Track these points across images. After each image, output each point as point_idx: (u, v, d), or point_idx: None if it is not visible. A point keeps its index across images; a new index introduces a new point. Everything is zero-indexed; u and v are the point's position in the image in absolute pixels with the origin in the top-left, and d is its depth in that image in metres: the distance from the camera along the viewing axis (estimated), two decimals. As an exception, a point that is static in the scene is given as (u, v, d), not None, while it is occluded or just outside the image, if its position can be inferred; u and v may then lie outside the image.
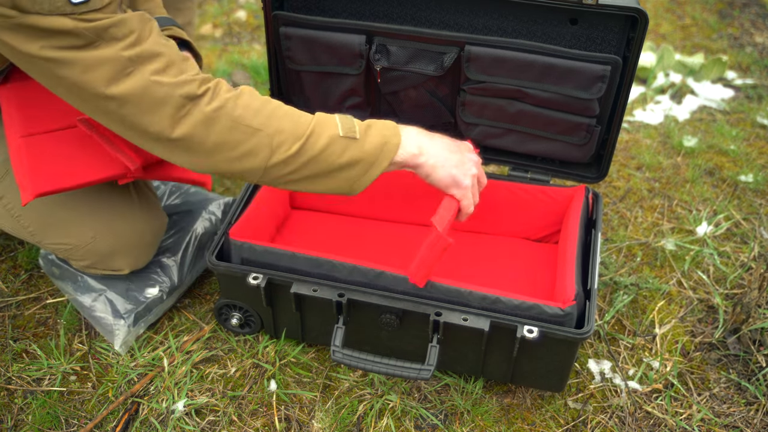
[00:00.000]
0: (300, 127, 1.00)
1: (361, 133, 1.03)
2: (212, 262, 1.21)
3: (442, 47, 1.28)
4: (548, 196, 1.41)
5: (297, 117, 1.01)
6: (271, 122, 0.98)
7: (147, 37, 0.92)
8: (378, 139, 1.03)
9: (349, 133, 1.02)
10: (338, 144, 1.01)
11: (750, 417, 1.24)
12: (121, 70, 0.89)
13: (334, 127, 1.02)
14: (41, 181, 1.12)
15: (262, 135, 0.97)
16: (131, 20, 0.91)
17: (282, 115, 1.00)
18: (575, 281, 1.16)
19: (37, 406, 1.23)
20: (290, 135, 0.99)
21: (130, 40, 0.90)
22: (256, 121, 0.97)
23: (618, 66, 1.21)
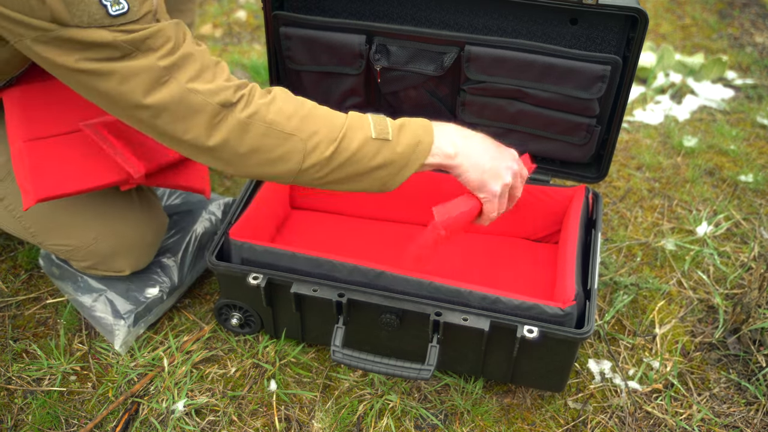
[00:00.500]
0: (334, 129, 0.99)
1: (394, 134, 1.02)
2: (212, 262, 1.21)
3: (442, 47, 1.28)
4: (548, 196, 1.41)
5: (331, 118, 1.00)
6: (304, 126, 0.98)
7: (182, 43, 0.92)
8: (411, 140, 1.02)
9: (382, 135, 1.01)
10: (371, 146, 1.00)
11: (750, 417, 1.24)
12: (157, 79, 0.90)
13: (367, 128, 1.01)
14: (43, 187, 1.12)
15: (296, 140, 0.98)
16: (167, 29, 0.91)
17: (316, 116, 1.00)
18: (575, 281, 1.16)
19: (37, 406, 1.23)
20: (324, 138, 0.99)
21: (166, 49, 0.90)
22: (290, 126, 0.97)
23: (618, 66, 1.21)
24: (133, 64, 0.88)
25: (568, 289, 1.15)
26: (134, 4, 0.87)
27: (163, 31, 0.90)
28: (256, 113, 0.95)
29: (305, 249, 1.21)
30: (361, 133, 1.00)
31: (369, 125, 1.01)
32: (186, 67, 0.92)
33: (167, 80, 0.90)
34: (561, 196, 1.40)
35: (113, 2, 0.85)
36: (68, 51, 0.86)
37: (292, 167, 0.99)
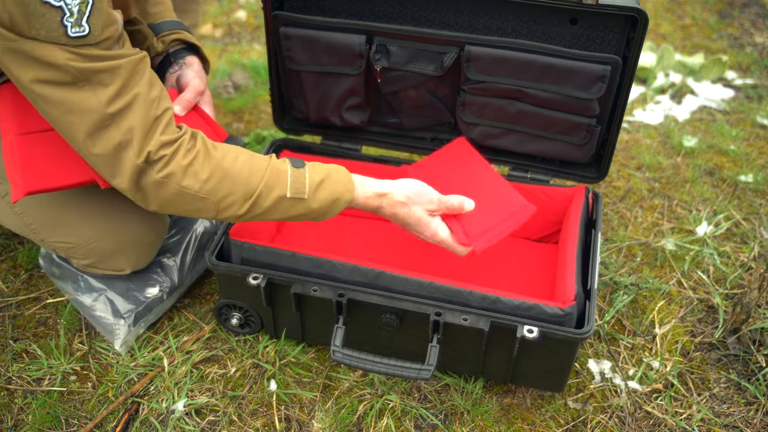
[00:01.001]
0: (249, 190, 1.05)
1: (311, 192, 1.07)
2: (212, 262, 1.21)
3: (442, 47, 1.28)
4: (548, 196, 1.41)
5: (247, 178, 1.05)
6: (218, 189, 1.03)
7: (133, 87, 0.95)
8: (328, 197, 1.08)
9: (298, 194, 1.07)
10: (285, 203, 1.07)
11: (750, 417, 1.24)
12: (100, 122, 0.94)
13: (283, 186, 1.06)
14: (32, 179, 1.12)
15: (209, 201, 1.04)
16: (123, 68, 0.93)
17: (232, 179, 1.04)
18: (575, 281, 1.16)
19: (37, 406, 1.23)
20: (238, 199, 1.05)
21: (115, 89, 0.93)
22: (204, 190, 1.03)
23: (618, 66, 1.21)
24: (81, 99, 0.92)
25: (568, 288, 1.15)
26: (95, 29, 0.88)
27: (116, 71, 0.92)
28: (172, 175, 1.00)
29: (305, 249, 1.21)
30: (276, 192, 1.06)
31: (286, 184, 1.06)
32: (128, 116, 0.96)
33: (109, 126, 0.95)
34: (561, 196, 1.40)
35: (74, 24, 0.86)
36: (25, 65, 0.89)
37: (208, 217, 1.07)
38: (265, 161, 1.07)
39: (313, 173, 1.08)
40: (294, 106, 1.48)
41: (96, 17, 0.88)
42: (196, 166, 1.02)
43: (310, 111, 1.46)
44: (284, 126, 1.52)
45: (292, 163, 1.08)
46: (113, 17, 0.92)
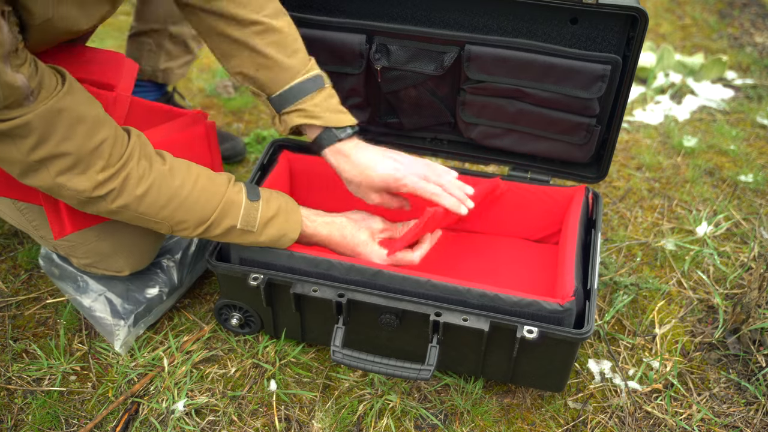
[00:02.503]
0: (203, 218, 1.09)
1: (260, 226, 1.12)
2: (211, 263, 1.21)
3: (442, 47, 1.28)
4: (548, 196, 1.41)
5: (203, 205, 1.08)
6: (174, 215, 1.07)
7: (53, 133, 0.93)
8: (274, 233, 1.14)
9: (248, 227, 1.12)
10: (235, 232, 1.12)
11: (750, 417, 1.24)
12: (28, 167, 0.96)
13: (235, 217, 1.11)
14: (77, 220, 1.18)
15: (164, 225, 1.08)
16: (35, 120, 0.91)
17: (188, 207, 1.07)
18: (574, 278, 1.16)
19: (37, 406, 1.23)
20: (191, 224, 1.09)
21: (33, 140, 0.92)
22: (159, 216, 1.07)
23: (618, 65, 1.21)
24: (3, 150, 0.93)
25: (567, 285, 1.15)
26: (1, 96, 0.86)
27: (28, 125, 0.91)
28: (127, 206, 1.03)
29: (303, 248, 1.21)
30: (227, 221, 1.11)
31: (238, 215, 1.11)
32: (56, 160, 0.95)
33: (38, 169, 0.96)
34: (561, 196, 1.40)
35: None
36: None
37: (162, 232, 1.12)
38: (222, 188, 1.10)
39: (265, 209, 1.13)
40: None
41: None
42: (153, 194, 1.04)
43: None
44: (284, 126, 1.52)
45: (247, 194, 1.12)
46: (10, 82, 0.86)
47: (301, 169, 1.50)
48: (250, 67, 1.16)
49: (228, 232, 1.12)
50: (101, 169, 0.99)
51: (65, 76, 0.96)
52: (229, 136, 1.81)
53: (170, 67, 1.68)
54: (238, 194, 1.11)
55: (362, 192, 1.22)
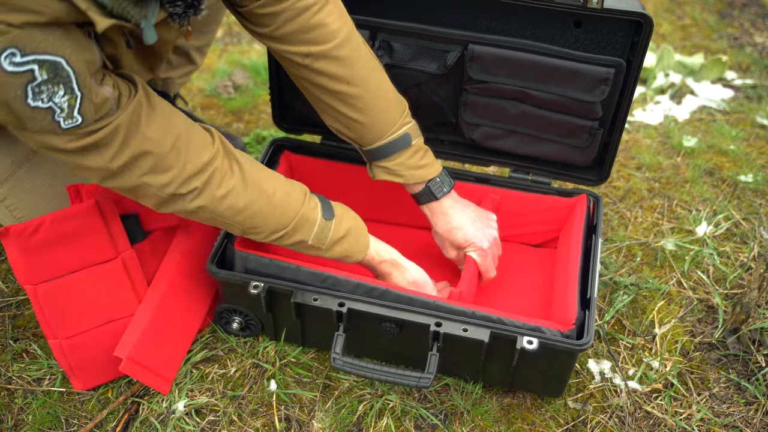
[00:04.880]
0: (278, 228, 1.11)
1: (329, 245, 1.15)
2: (212, 270, 1.21)
3: (446, 45, 1.28)
4: (549, 206, 1.40)
5: (279, 216, 1.10)
6: (249, 222, 1.08)
7: (135, 132, 0.94)
8: (341, 252, 1.17)
9: (318, 243, 1.14)
10: (303, 246, 1.15)
11: (750, 417, 1.24)
12: (109, 175, 0.96)
13: (308, 234, 1.13)
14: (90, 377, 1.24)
15: (236, 228, 1.10)
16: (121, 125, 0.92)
17: (265, 215, 1.09)
18: (576, 301, 1.16)
19: (37, 406, 1.22)
20: (264, 231, 1.11)
21: (118, 143, 0.93)
22: (236, 220, 1.07)
23: (622, 69, 1.20)
24: (86, 161, 0.93)
25: (569, 310, 1.15)
26: (88, 115, 0.87)
27: (116, 129, 0.92)
28: (205, 207, 1.04)
29: (309, 262, 1.20)
30: (300, 236, 1.12)
31: (311, 232, 1.13)
32: (139, 161, 0.96)
33: (120, 174, 0.96)
34: (562, 205, 1.40)
35: (66, 117, 0.86)
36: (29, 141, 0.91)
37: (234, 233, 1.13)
38: (298, 204, 1.11)
39: (337, 228, 1.15)
40: (294, 106, 1.48)
41: (87, 106, 0.87)
42: (232, 198, 1.04)
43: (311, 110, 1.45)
44: (284, 125, 1.52)
45: (323, 212, 1.14)
46: (103, 96, 0.89)
47: (302, 169, 1.50)
48: (340, 125, 1.21)
49: (297, 245, 1.14)
50: (182, 168, 0.99)
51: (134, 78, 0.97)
52: (229, 136, 1.81)
53: (171, 77, 1.67)
54: (313, 211, 1.13)
55: (443, 245, 1.33)
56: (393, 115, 1.20)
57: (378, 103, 1.18)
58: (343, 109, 1.17)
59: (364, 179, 1.48)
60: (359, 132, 1.20)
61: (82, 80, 0.84)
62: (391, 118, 1.20)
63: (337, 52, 1.10)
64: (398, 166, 1.23)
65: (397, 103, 1.21)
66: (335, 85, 1.13)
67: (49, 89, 0.82)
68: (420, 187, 1.26)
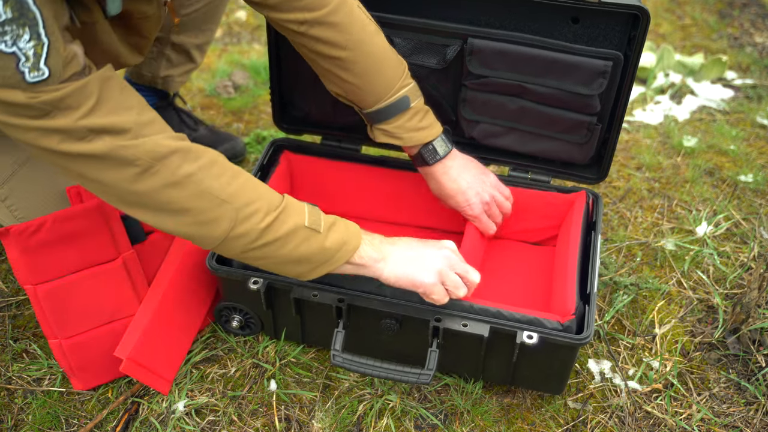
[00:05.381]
0: (272, 204, 0.99)
1: (325, 228, 1.03)
2: (212, 266, 1.21)
3: (445, 39, 1.28)
4: (548, 202, 1.40)
5: (269, 195, 1.00)
6: (240, 196, 0.96)
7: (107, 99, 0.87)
8: (339, 237, 1.04)
9: (314, 225, 1.02)
10: (302, 233, 1.00)
11: (750, 417, 1.24)
12: (80, 137, 0.86)
13: (301, 214, 1.01)
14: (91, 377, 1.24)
15: (228, 207, 0.95)
16: (90, 84, 0.85)
17: (252, 188, 0.98)
18: (575, 293, 1.16)
19: (37, 406, 1.23)
20: (260, 208, 0.97)
21: (88, 107, 0.85)
22: (225, 193, 0.95)
23: (619, 62, 1.21)
24: (52, 123, 0.84)
25: (568, 301, 1.15)
26: (56, 69, 0.81)
27: (84, 88, 0.84)
28: (193, 175, 0.92)
29: None
30: (295, 217, 1.00)
31: (304, 213, 1.02)
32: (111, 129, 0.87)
33: (92, 138, 0.86)
34: (561, 202, 1.40)
35: (32, 68, 0.79)
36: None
37: (220, 233, 0.96)
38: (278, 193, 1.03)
39: (325, 215, 1.06)
40: (294, 105, 1.48)
41: (55, 58, 0.80)
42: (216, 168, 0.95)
43: (311, 110, 1.46)
44: (284, 125, 1.52)
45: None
46: (72, 52, 0.83)
47: (302, 169, 1.50)
48: (340, 89, 1.22)
49: (294, 233, 1.00)
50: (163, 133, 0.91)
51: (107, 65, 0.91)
52: (229, 136, 1.81)
53: (171, 75, 1.67)
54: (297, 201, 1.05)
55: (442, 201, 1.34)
56: (391, 78, 1.20)
57: (376, 67, 1.18)
58: (342, 74, 1.17)
59: (364, 179, 1.48)
60: (358, 95, 1.21)
61: (49, 26, 0.78)
62: (389, 81, 1.20)
63: (331, 18, 1.11)
64: (397, 128, 1.23)
65: (396, 64, 1.22)
66: (332, 51, 1.14)
67: (13, 30, 0.76)
68: (415, 151, 1.27)
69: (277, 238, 0.99)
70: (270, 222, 0.98)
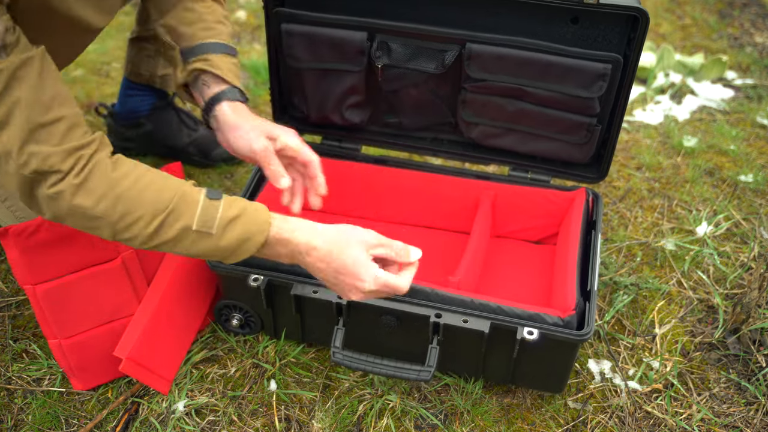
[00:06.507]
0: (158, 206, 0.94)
1: (221, 227, 0.97)
2: (212, 264, 1.21)
3: (443, 45, 1.28)
4: (548, 200, 1.41)
5: (152, 200, 0.94)
6: (116, 208, 0.93)
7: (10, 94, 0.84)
8: (238, 235, 0.98)
9: (204, 228, 0.96)
10: (190, 236, 0.96)
11: (750, 417, 1.24)
12: None
13: (191, 216, 0.96)
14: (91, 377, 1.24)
15: (103, 221, 0.94)
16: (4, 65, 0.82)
17: (132, 199, 0.93)
18: (575, 289, 1.16)
19: (37, 406, 1.22)
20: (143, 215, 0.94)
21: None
22: (98, 210, 0.92)
23: (619, 64, 1.21)
24: None
25: (568, 297, 1.15)
26: None
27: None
28: (62, 193, 0.90)
29: None
30: (182, 221, 0.95)
31: (195, 213, 0.96)
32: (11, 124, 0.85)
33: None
34: (560, 199, 1.40)
35: None
36: None
37: (105, 237, 0.96)
38: (176, 186, 0.97)
39: (227, 208, 0.98)
40: (294, 105, 1.48)
41: None
42: (90, 184, 0.91)
43: (311, 110, 1.46)
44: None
45: (207, 194, 0.98)
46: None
47: (302, 169, 1.49)
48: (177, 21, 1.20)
49: (181, 236, 0.96)
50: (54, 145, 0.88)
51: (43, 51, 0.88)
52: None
53: (169, 74, 1.66)
54: (196, 192, 0.98)
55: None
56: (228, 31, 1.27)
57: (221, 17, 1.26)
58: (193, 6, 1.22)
59: (364, 179, 1.48)
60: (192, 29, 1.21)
61: None
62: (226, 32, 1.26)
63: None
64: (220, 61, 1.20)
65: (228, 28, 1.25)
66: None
67: None
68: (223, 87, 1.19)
69: (167, 240, 0.96)
70: (157, 226, 0.95)
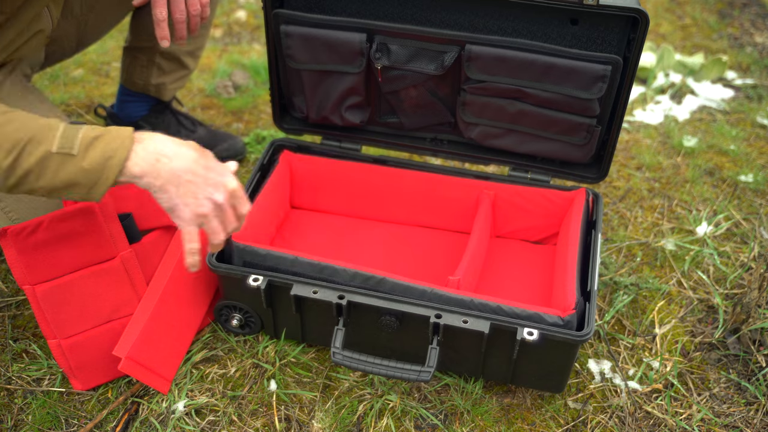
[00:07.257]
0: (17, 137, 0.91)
1: (82, 147, 0.93)
2: (212, 264, 1.21)
3: (443, 46, 1.28)
4: (548, 200, 1.41)
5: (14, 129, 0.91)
6: None
7: None
8: (101, 152, 0.93)
9: (65, 149, 0.92)
10: (52, 162, 0.92)
11: (750, 417, 1.24)
12: None
13: (50, 141, 0.92)
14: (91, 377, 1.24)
15: None
16: None
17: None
18: (575, 288, 1.16)
19: (37, 406, 1.22)
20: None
21: None
22: None
23: (619, 66, 1.21)
24: None
25: (568, 296, 1.15)
26: None
27: None
28: None
29: (307, 253, 1.20)
30: (43, 147, 0.91)
31: (55, 137, 0.92)
32: None
33: None
34: (561, 199, 1.40)
35: None
36: None
37: None
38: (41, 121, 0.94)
39: (88, 130, 0.94)
40: (294, 106, 1.48)
41: None
42: None
43: (310, 110, 1.46)
44: (284, 126, 1.52)
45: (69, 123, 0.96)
46: None
47: (302, 169, 1.50)
48: None
49: (44, 163, 0.92)
50: None
51: None
52: (229, 135, 1.81)
53: (163, 83, 1.66)
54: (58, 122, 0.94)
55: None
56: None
57: None
58: None
59: (364, 179, 1.49)
60: None
61: None
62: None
63: None
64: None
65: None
66: None
67: None
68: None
69: (28, 171, 0.92)
70: (14, 158, 0.91)
